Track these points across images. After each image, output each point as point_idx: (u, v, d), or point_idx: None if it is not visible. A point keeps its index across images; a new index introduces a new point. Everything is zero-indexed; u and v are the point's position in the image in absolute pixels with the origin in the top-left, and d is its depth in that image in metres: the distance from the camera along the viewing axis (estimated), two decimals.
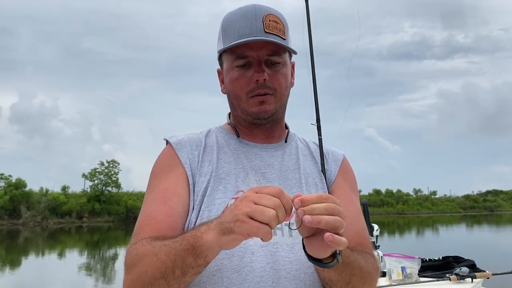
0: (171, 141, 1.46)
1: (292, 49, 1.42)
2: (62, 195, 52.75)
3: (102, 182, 55.39)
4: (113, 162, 56.83)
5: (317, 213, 1.00)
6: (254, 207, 0.99)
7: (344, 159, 1.58)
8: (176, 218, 1.29)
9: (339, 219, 1.01)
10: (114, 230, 43.29)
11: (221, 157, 1.44)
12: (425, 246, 26.05)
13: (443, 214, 79.71)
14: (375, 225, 5.42)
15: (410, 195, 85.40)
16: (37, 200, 49.52)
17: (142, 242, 1.21)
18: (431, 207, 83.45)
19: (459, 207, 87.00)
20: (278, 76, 1.39)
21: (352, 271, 1.22)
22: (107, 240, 33.89)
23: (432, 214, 79.68)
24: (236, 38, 1.34)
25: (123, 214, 53.11)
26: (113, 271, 16.82)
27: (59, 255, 23.69)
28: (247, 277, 1.26)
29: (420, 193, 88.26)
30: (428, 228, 44.82)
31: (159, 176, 1.40)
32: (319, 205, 1.01)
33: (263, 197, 1.00)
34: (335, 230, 1.00)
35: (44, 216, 48.94)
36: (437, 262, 4.78)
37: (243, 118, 1.46)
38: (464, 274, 4.26)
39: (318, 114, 1.59)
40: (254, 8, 1.37)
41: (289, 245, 1.32)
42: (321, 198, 1.03)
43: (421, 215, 76.23)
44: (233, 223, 1.02)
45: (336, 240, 0.99)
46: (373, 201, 76.60)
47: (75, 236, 38.63)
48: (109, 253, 25.27)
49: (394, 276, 4.34)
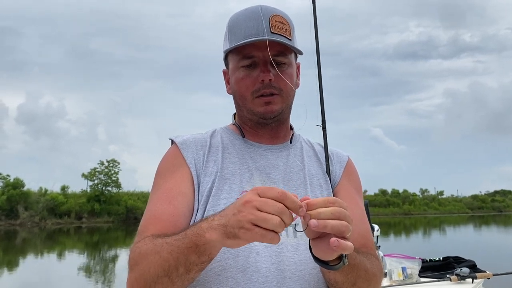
0: (177, 140, 1.49)
1: (298, 50, 1.45)
2: (61, 195, 52.67)
3: (102, 182, 55.28)
4: (113, 161, 56.69)
5: (323, 218, 1.00)
6: (258, 214, 0.99)
7: (349, 160, 1.61)
8: (180, 218, 1.32)
9: (345, 224, 1.02)
10: (114, 231, 43.31)
11: (226, 157, 1.47)
12: (431, 246, 26.00)
13: (450, 215, 79.58)
14: (376, 226, 5.54)
15: (416, 195, 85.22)
16: (35, 200, 49.50)
17: (144, 240, 1.24)
18: (438, 208, 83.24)
19: (467, 207, 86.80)
20: (284, 77, 1.41)
21: (358, 273, 1.24)
22: (107, 241, 33.90)
23: (439, 214, 79.53)
24: (242, 38, 1.37)
25: (123, 215, 52.99)
26: (113, 273, 16.80)
27: (58, 256, 23.70)
28: (252, 277, 1.28)
29: (426, 193, 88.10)
30: (435, 229, 44.73)
31: (164, 176, 1.43)
32: (326, 209, 1.02)
33: (267, 203, 0.99)
34: (341, 234, 1.01)
35: (42, 216, 48.91)
36: (437, 263, 4.85)
37: (249, 118, 1.49)
38: (465, 275, 4.34)
39: (324, 115, 1.61)
40: (260, 8, 1.40)
41: (294, 245, 1.35)
42: (328, 202, 1.04)
43: (428, 216, 76.13)
44: (237, 230, 1.02)
45: (342, 245, 1.00)
46: (379, 201, 76.52)
47: (74, 237, 38.63)
48: (109, 254, 25.30)
49: (395, 277, 4.41)
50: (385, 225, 51.33)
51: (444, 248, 20.14)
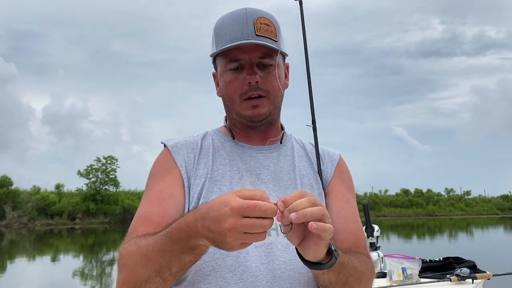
0: (168, 144, 1.63)
1: (283, 52, 1.58)
2: (53, 194, 52.60)
3: (99, 179, 54.76)
4: (111, 158, 56.08)
5: (300, 208, 1.10)
6: (243, 222, 1.06)
7: (340, 159, 1.73)
8: (169, 219, 1.41)
9: (322, 209, 1.13)
10: (110, 233, 43.38)
11: (217, 159, 1.60)
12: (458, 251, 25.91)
13: (478, 216, 79.24)
14: (376, 226, 5.83)
15: (441, 195, 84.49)
16: (24, 200, 49.76)
17: (133, 240, 1.36)
18: (465, 208, 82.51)
19: (496, 208, 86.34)
20: (270, 78, 1.54)
21: (348, 271, 1.35)
22: (103, 244, 33.82)
23: (466, 216, 79.10)
24: (228, 41, 1.50)
25: (120, 215, 52.87)
26: (110, 278, 16.81)
27: (49, 260, 23.62)
28: (241, 276, 1.41)
29: (452, 193, 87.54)
30: (462, 231, 44.59)
31: (156, 179, 1.57)
32: (301, 200, 1.12)
33: (249, 210, 1.06)
34: (321, 220, 1.12)
35: (31, 216, 49.04)
36: (437, 263, 5.08)
37: (238, 120, 1.62)
38: (465, 275, 4.56)
39: (314, 115, 1.74)
40: (246, 11, 1.53)
41: (284, 245, 1.47)
42: (302, 194, 1.14)
43: (454, 217, 75.85)
44: (222, 238, 1.10)
45: (320, 226, 1.10)
46: (401, 201, 76.17)
47: (67, 239, 38.52)
48: (105, 258, 25.30)
49: (395, 277, 4.62)
50: (408, 227, 51.30)
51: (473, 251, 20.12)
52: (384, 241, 31.00)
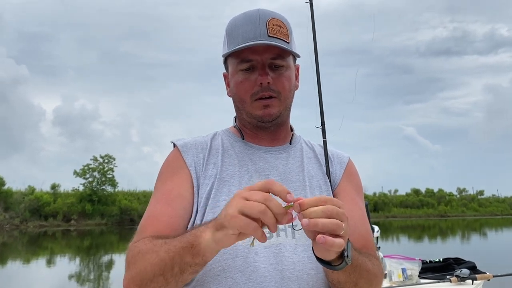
0: (178, 144, 1.69)
1: (295, 53, 1.64)
2: (47, 194, 52.47)
3: (96, 179, 54.60)
4: (108, 157, 56.15)
5: (314, 216, 1.14)
6: (244, 203, 1.14)
7: (349, 161, 1.79)
8: (178, 219, 1.52)
9: (336, 222, 1.14)
10: (107, 234, 43.41)
11: (226, 160, 1.66)
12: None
13: (492, 217, 79.08)
14: (375, 226, 6.16)
15: (453, 195, 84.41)
16: (17, 200, 49.70)
17: (144, 240, 1.44)
18: (478, 209, 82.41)
19: (511, 208, 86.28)
20: (282, 79, 1.60)
21: (360, 273, 1.41)
22: (99, 246, 33.89)
23: (479, 216, 78.94)
24: (240, 42, 1.56)
25: (117, 216, 52.76)
26: (108, 281, 16.77)
27: (43, 263, 23.65)
28: (250, 277, 1.47)
29: (465, 193, 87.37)
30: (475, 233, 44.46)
31: (165, 178, 1.63)
32: (316, 208, 1.15)
33: (253, 193, 1.15)
34: (333, 232, 1.14)
35: (24, 218, 49.06)
36: (437, 264, 5.22)
37: (248, 121, 1.68)
38: (465, 276, 4.71)
39: (323, 117, 1.82)
40: (258, 12, 1.59)
41: (293, 246, 1.53)
42: (320, 201, 1.17)
43: (466, 218, 75.68)
44: (224, 218, 1.19)
45: (328, 242, 1.13)
46: (411, 201, 76.17)
47: (61, 241, 38.51)
48: (102, 261, 25.31)
49: (395, 278, 4.75)
50: (418, 228, 51.23)
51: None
52: (394, 243, 30.90)
